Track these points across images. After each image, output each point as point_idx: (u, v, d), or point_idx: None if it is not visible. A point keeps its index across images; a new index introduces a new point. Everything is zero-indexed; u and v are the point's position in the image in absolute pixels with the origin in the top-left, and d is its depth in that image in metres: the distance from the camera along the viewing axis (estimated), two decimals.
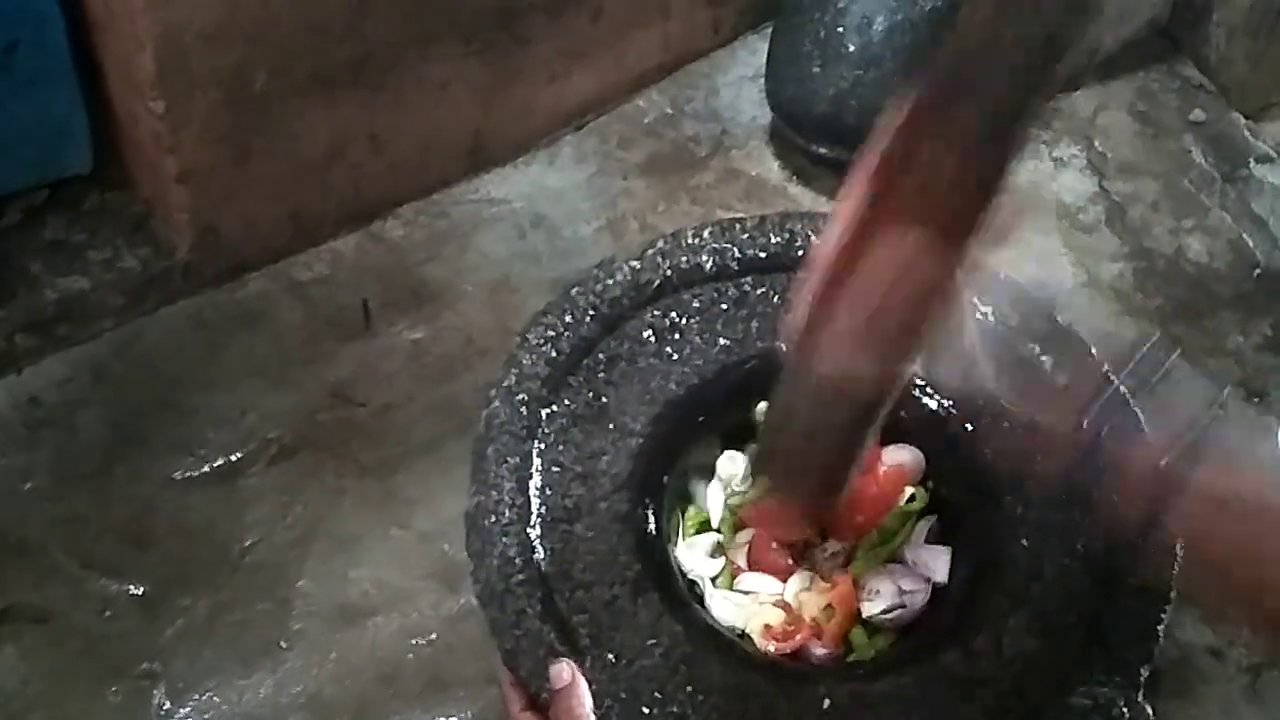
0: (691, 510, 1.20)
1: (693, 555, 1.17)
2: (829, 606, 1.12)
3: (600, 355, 1.19)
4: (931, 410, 1.19)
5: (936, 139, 0.86)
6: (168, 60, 1.45)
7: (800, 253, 1.24)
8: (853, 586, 1.13)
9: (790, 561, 1.16)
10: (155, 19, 1.41)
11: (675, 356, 1.20)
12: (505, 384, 1.16)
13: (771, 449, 1.09)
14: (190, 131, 1.52)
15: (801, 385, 0.97)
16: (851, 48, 1.70)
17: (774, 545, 1.16)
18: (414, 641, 1.42)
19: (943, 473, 1.19)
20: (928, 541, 1.17)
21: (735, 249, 1.25)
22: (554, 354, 1.18)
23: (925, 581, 1.13)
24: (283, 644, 1.41)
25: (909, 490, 1.19)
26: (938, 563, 1.14)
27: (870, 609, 1.13)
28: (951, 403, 1.18)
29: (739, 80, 1.94)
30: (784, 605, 1.13)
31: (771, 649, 1.10)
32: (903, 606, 1.12)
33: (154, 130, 1.52)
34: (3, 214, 1.63)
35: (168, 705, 1.36)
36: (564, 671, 1.00)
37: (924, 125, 0.86)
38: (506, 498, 1.10)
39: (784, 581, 1.15)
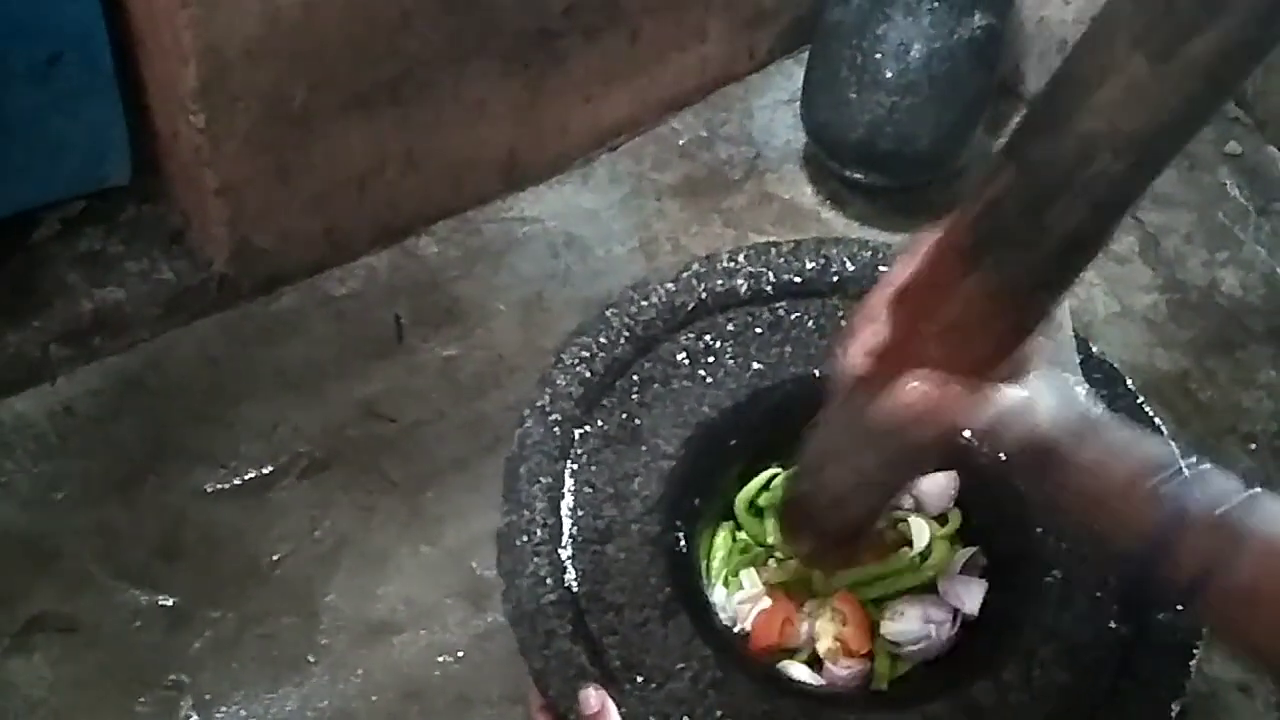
0: (724, 531, 1.20)
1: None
2: (836, 611, 1.12)
3: (634, 376, 1.19)
4: (964, 440, 1.18)
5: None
6: (210, 75, 1.46)
7: (835, 278, 1.24)
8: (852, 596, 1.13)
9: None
10: (199, 34, 1.42)
11: (709, 380, 1.20)
12: (539, 403, 1.16)
13: (796, 501, 1.09)
14: (230, 146, 1.53)
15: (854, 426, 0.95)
16: (888, 74, 1.71)
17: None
18: (441, 659, 1.42)
19: (975, 503, 1.19)
20: (964, 573, 1.15)
21: (770, 273, 1.25)
22: (588, 374, 1.18)
23: (953, 612, 1.13)
24: (310, 659, 1.41)
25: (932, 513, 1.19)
26: (970, 594, 1.12)
27: (890, 628, 1.12)
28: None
29: (774, 104, 1.94)
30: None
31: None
32: (927, 636, 1.11)
33: (194, 144, 1.53)
34: (40, 224, 1.64)
35: (195, 717, 1.37)
36: (593, 698, 0.99)
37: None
38: (538, 517, 1.10)
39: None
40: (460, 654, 1.42)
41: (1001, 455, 0.90)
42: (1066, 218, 0.76)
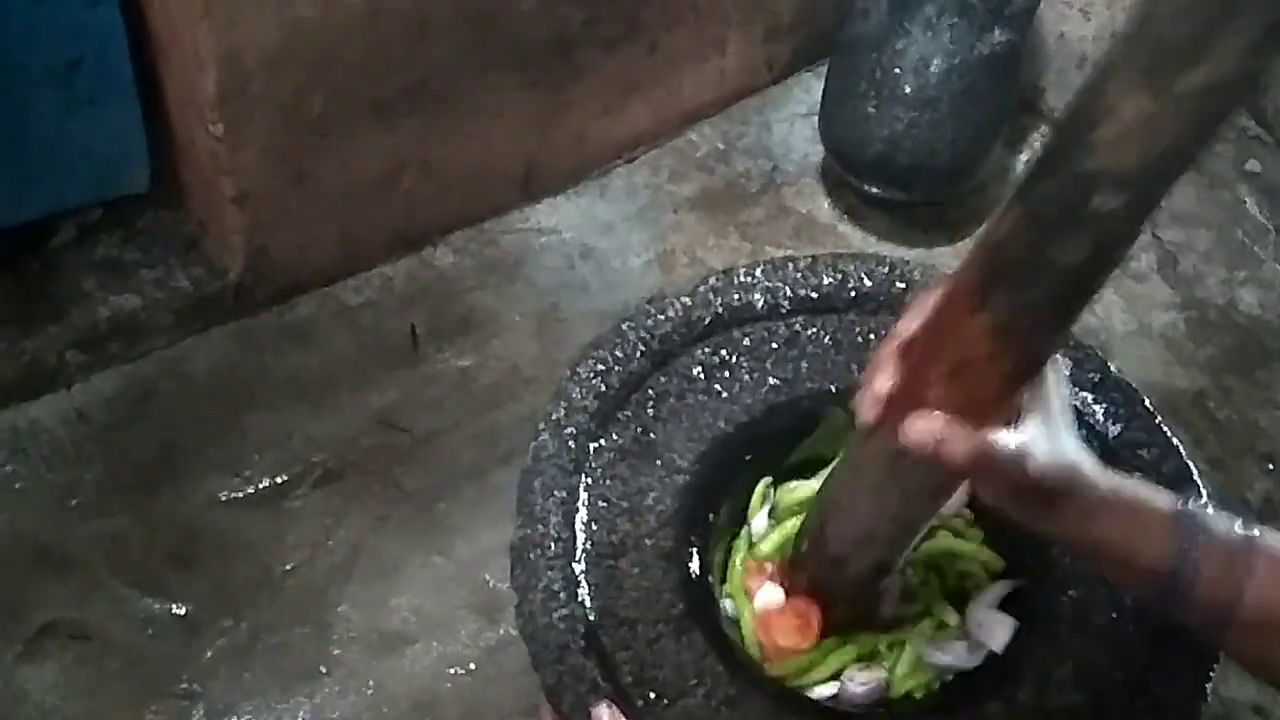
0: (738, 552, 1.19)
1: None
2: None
3: (649, 391, 1.19)
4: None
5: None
6: (229, 83, 1.46)
7: (852, 294, 1.23)
8: None
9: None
10: (218, 42, 1.43)
11: (724, 394, 1.19)
12: (554, 417, 1.15)
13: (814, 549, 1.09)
14: (248, 154, 1.53)
15: (877, 461, 0.96)
16: (908, 89, 1.70)
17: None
18: (452, 671, 1.42)
19: (990, 523, 1.18)
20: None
21: (787, 288, 1.24)
22: (603, 388, 1.17)
23: (979, 645, 1.10)
24: (322, 669, 1.41)
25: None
26: (999, 631, 1.10)
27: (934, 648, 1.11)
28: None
29: (792, 117, 1.94)
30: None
31: None
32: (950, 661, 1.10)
33: (212, 151, 1.53)
34: (57, 231, 1.64)
35: None
36: (605, 715, 0.98)
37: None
38: (552, 531, 1.09)
39: None
40: (472, 666, 1.42)
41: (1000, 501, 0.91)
42: (1067, 254, 0.78)
